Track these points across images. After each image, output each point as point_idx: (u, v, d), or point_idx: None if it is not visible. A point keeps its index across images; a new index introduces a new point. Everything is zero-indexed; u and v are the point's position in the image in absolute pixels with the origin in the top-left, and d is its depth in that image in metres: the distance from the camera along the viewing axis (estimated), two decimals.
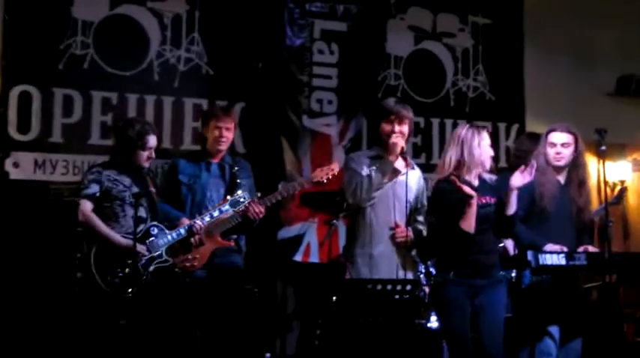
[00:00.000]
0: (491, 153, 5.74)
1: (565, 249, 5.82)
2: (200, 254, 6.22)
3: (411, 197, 5.93)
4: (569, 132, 6.15)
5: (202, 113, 7.04)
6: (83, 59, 7.69)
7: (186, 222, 6.17)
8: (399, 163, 5.91)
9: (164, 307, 6.12)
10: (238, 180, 6.46)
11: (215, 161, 6.52)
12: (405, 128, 5.90)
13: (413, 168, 6.06)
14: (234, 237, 6.45)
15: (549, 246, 5.81)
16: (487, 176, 5.78)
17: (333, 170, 6.39)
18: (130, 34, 7.90)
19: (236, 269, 6.46)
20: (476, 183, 5.68)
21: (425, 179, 6.23)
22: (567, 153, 6.13)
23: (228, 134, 6.50)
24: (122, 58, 7.84)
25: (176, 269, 6.11)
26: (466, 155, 5.65)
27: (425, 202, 6.10)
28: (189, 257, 6.17)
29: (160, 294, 6.07)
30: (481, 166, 5.69)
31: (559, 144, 6.12)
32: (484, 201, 5.66)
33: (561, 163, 6.14)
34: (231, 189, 6.42)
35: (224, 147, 6.51)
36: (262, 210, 6.31)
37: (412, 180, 5.97)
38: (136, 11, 7.94)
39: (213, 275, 6.30)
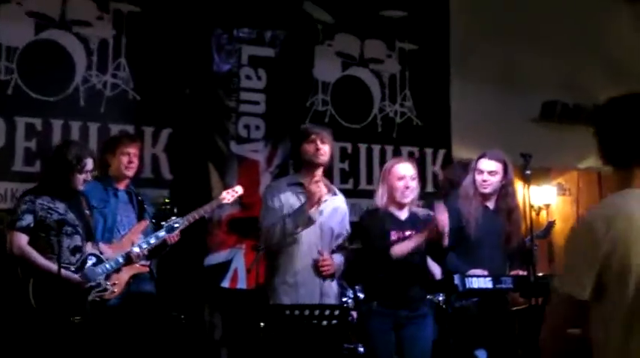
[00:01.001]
0: (406, 184, 5.82)
1: (486, 273, 5.87)
2: (119, 280, 6.17)
3: (335, 224, 5.90)
4: (497, 160, 6.21)
5: (107, 140, 7.02)
6: (7, 85, 7.57)
7: (104, 248, 6.13)
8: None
9: (97, 337, 6.04)
10: (146, 206, 6.51)
11: (121, 188, 6.54)
12: (327, 147, 5.86)
13: (335, 194, 6.02)
14: (147, 262, 6.45)
15: (473, 271, 5.86)
16: (419, 210, 5.87)
17: (237, 192, 6.86)
18: (55, 60, 7.80)
19: (151, 295, 6.47)
20: (405, 215, 5.77)
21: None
22: (494, 180, 6.19)
23: (135, 160, 6.53)
24: (47, 84, 7.72)
25: (95, 298, 6.01)
26: (380, 189, 5.79)
27: (348, 228, 6.07)
28: (109, 283, 6.10)
29: (94, 324, 5.99)
30: (395, 199, 5.79)
31: (486, 172, 6.18)
32: (405, 234, 5.73)
33: (487, 190, 6.20)
34: (139, 214, 6.47)
35: (131, 173, 6.57)
36: (178, 233, 6.38)
37: (334, 206, 5.94)
38: (62, 36, 7.85)
39: (129, 303, 6.27)
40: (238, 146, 8.48)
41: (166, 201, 6.76)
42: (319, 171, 5.82)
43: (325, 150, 5.82)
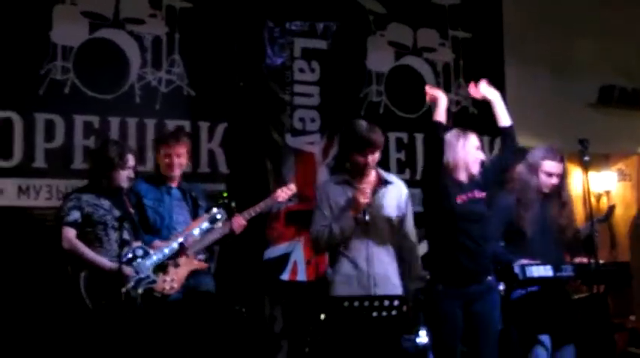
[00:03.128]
0: (479, 155, 5.73)
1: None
2: (177, 276, 6.25)
3: (392, 213, 5.83)
4: (562, 161, 6.18)
5: (154, 138, 7.05)
6: (64, 84, 7.65)
7: (159, 244, 6.19)
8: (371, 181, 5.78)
9: (153, 329, 6.10)
10: (199, 202, 6.55)
11: (174, 185, 6.57)
12: (378, 154, 5.75)
13: (388, 184, 5.91)
14: (205, 256, 6.51)
15: (522, 261, 5.80)
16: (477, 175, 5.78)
17: (291, 190, 6.91)
18: (110, 58, 7.87)
19: (209, 293, 6.50)
20: (464, 179, 5.71)
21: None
22: (559, 181, 6.18)
23: (178, 160, 6.55)
24: (103, 82, 7.79)
25: (155, 293, 6.10)
26: (450, 158, 5.67)
27: (409, 215, 5.99)
28: (167, 279, 6.18)
29: (149, 317, 6.06)
30: (465, 168, 5.70)
31: (555, 175, 6.16)
32: (471, 196, 5.65)
33: (550, 190, 6.19)
34: (194, 211, 6.51)
35: (176, 173, 6.59)
36: (244, 223, 6.46)
37: (390, 196, 5.87)
38: (116, 35, 7.91)
39: (189, 298, 6.32)
40: (294, 139, 8.50)
41: (224, 195, 6.76)
42: (369, 174, 5.75)
43: (375, 159, 5.75)
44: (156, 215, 6.46)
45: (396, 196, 5.90)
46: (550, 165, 6.17)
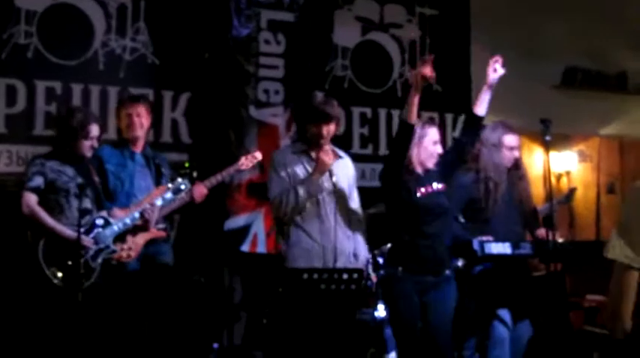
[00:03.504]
0: (437, 150, 5.72)
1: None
2: (135, 244, 6.23)
3: (345, 186, 5.84)
4: (517, 133, 6.23)
5: (117, 103, 7.02)
6: (27, 48, 7.56)
7: (119, 213, 6.17)
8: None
9: (111, 299, 6.10)
10: (163, 170, 6.54)
11: (138, 151, 6.55)
12: (333, 127, 5.75)
13: (341, 158, 5.96)
14: (164, 225, 6.50)
15: (483, 237, 5.85)
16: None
17: (255, 158, 6.98)
18: (74, 24, 7.77)
19: (167, 266, 6.50)
20: (420, 172, 5.72)
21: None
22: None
23: (139, 120, 6.53)
24: (67, 48, 7.71)
25: (112, 262, 6.09)
26: (411, 153, 5.69)
27: (356, 191, 6.00)
28: (125, 247, 6.16)
29: (107, 287, 6.06)
30: (421, 163, 5.72)
31: (516, 148, 6.20)
32: (430, 189, 5.69)
33: (512, 164, 6.24)
34: (157, 178, 6.51)
35: (139, 133, 6.57)
36: (205, 191, 6.55)
37: (342, 170, 5.90)
38: (81, 0, 7.83)
39: (147, 267, 6.33)
40: (258, 110, 8.46)
41: (186, 165, 6.75)
42: (325, 146, 5.74)
43: (331, 131, 5.75)
44: (117, 180, 6.44)
45: (346, 171, 5.95)
46: (510, 139, 6.23)
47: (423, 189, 5.66)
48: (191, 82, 8.14)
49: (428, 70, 5.47)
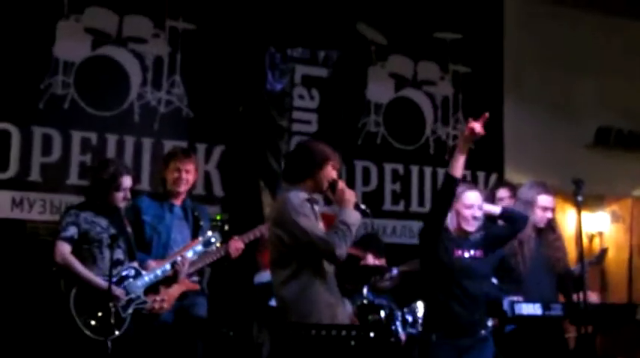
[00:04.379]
0: (471, 214, 5.67)
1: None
2: (168, 295, 6.25)
3: None
4: (553, 194, 6.20)
5: (165, 154, 7.04)
6: (64, 99, 7.68)
7: (153, 264, 6.19)
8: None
9: (142, 350, 6.10)
10: (201, 223, 6.54)
11: (177, 203, 6.57)
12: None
13: None
14: (198, 279, 6.50)
15: (512, 298, 5.80)
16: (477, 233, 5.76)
17: None
18: (111, 75, 7.90)
19: (201, 320, 6.49)
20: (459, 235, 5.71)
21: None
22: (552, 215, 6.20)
23: (187, 176, 6.57)
24: (103, 99, 7.82)
25: (143, 311, 6.10)
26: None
27: None
28: (157, 298, 6.18)
29: (138, 338, 6.07)
30: (458, 227, 5.68)
31: (550, 209, 6.16)
32: (468, 253, 5.65)
33: (544, 225, 6.20)
34: (194, 231, 6.52)
35: (183, 188, 6.57)
36: (242, 246, 6.43)
37: None
38: (118, 52, 7.95)
39: (179, 320, 6.32)
40: None
41: (217, 218, 6.77)
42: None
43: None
44: (153, 232, 6.44)
45: None
46: (545, 200, 6.18)
47: (459, 252, 5.62)
48: (225, 135, 8.20)
49: (478, 127, 5.43)
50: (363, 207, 5.38)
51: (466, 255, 5.61)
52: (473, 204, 5.67)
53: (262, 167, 8.28)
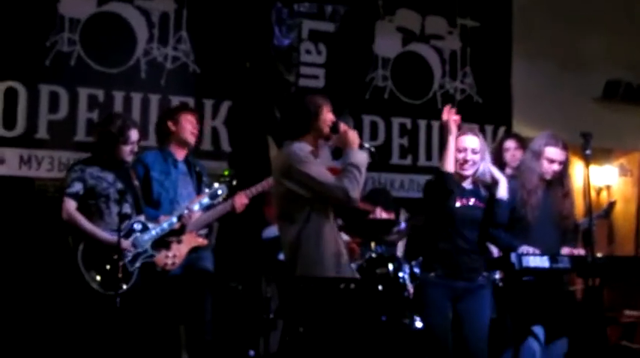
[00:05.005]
0: (464, 157, 5.75)
1: (537, 252, 5.81)
2: (179, 252, 6.30)
3: None
4: (565, 148, 6.13)
5: (168, 109, 7.05)
6: (70, 56, 7.67)
7: (164, 219, 6.21)
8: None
9: (150, 304, 6.15)
10: (203, 178, 6.57)
11: (180, 158, 6.60)
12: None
13: None
14: (206, 232, 6.53)
15: (524, 248, 5.80)
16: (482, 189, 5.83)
17: None
18: (117, 32, 7.88)
19: (208, 272, 6.55)
20: (469, 186, 5.75)
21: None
22: (560, 169, 6.15)
23: (197, 129, 6.59)
24: (109, 56, 7.81)
25: (157, 269, 6.15)
26: None
27: None
28: (169, 255, 6.23)
29: (146, 291, 6.11)
30: (458, 174, 5.75)
31: (557, 162, 6.11)
32: (468, 202, 5.70)
33: (551, 177, 6.16)
34: (198, 186, 6.53)
35: (194, 140, 6.62)
36: (246, 201, 6.54)
37: None
38: (124, 9, 7.92)
39: (187, 273, 6.36)
40: None
41: (225, 173, 6.76)
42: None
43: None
44: (161, 188, 6.48)
45: None
46: (552, 152, 6.14)
47: (462, 200, 5.68)
48: (232, 91, 8.19)
49: (451, 117, 5.62)
50: (367, 145, 5.43)
51: (469, 203, 5.67)
52: (466, 148, 5.77)
53: (269, 122, 8.27)
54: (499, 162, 6.80)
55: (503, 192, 5.88)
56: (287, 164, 5.24)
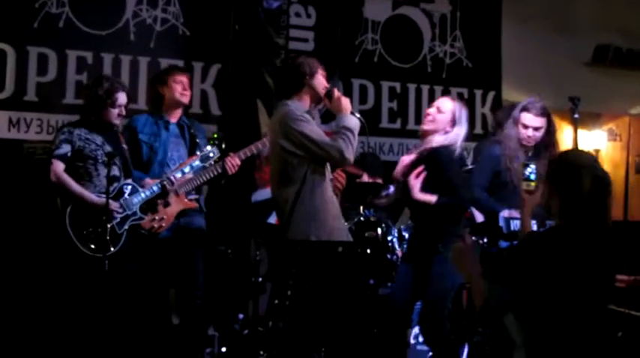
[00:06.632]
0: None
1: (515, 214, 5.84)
2: (167, 215, 6.32)
3: None
4: (542, 115, 6.11)
5: (157, 74, 7.02)
6: (58, 18, 7.60)
7: (150, 182, 6.22)
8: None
9: (139, 266, 6.17)
10: (197, 140, 6.55)
11: (173, 121, 6.58)
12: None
13: None
14: (196, 196, 6.53)
15: (505, 212, 5.82)
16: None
17: None
18: None
19: (201, 231, 6.55)
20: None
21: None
22: (539, 135, 6.13)
23: (189, 89, 6.58)
24: (98, 17, 7.74)
25: (142, 231, 6.17)
26: None
27: None
28: (156, 218, 6.24)
29: (135, 253, 6.14)
30: None
31: (532, 128, 6.11)
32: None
33: (531, 144, 6.15)
34: (191, 148, 6.53)
35: (186, 100, 6.63)
36: (239, 162, 6.44)
37: None
38: None
39: (178, 235, 6.37)
40: None
41: (215, 136, 6.76)
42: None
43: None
44: (150, 151, 6.48)
45: None
46: (525, 117, 6.13)
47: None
48: (221, 54, 8.16)
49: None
50: (358, 115, 5.51)
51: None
52: (435, 105, 6.05)
53: (259, 85, 8.25)
54: None
55: None
56: (283, 123, 5.32)
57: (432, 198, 5.85)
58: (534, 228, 5.74)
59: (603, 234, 3.88)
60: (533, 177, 4.68)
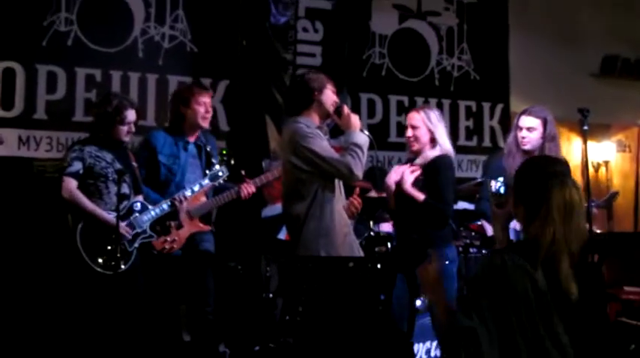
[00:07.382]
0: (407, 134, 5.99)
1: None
2: (179, 236, 6.30)
3: None
4: (537, 116, 6.07)
5: (180, 90, 6.99)
6: (67, 36, 7.63)
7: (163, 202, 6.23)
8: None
9: (149, 283, 6.17)
10: (213, 160, 6.53)
11: (191, 140, 6.56)
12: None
13: None
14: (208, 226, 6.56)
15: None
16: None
17: None
18: (114, 11, 7.83)
19: (209, 253, 6.55)
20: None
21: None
22: (533, 137, 6.07)
23: (211, 110, 6.56)
24: (106, 35, 7.77)
25: (154, 252, 6.16)
26: None
27: None
28: (168, 239, 6.23)
29: (145, 271, 6.14)
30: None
31: (525, 129, 6.07)
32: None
33: (527, 147, 6.09)
34: (207, 169, 6.50)
35: (207, 124, 6.57)
36: (254, 190, 6.45)
37: None
38: None
39: (188, 253, 6.37)
40: None
41: (223, 152, 6.77)
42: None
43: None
44: (168, 172, 6.45)
45: None
46: (521, 119, 6.12)
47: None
48: (229, 70, 8.17)
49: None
50: (366, 133, 5.52)
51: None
52: (408, 125, 5.99)
53: (267, 101, 8.26)
54: None
55: None
56: (293, 140, 5.34)
57: (419, 196, 5.86)
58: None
59: (576, 251, 3.51)
60: (502, 190, 4.66)
